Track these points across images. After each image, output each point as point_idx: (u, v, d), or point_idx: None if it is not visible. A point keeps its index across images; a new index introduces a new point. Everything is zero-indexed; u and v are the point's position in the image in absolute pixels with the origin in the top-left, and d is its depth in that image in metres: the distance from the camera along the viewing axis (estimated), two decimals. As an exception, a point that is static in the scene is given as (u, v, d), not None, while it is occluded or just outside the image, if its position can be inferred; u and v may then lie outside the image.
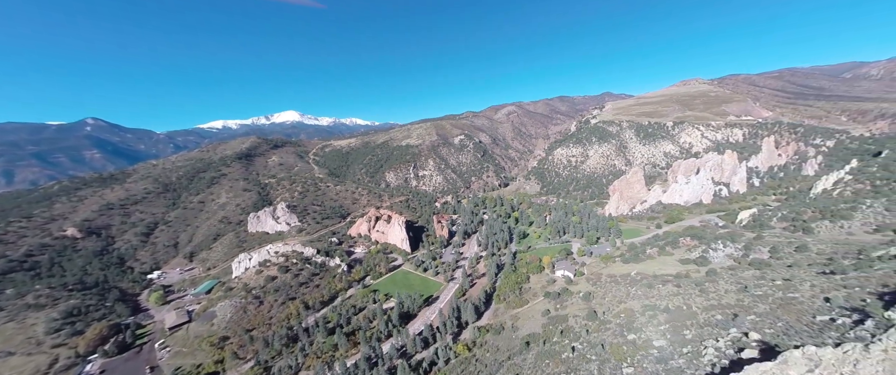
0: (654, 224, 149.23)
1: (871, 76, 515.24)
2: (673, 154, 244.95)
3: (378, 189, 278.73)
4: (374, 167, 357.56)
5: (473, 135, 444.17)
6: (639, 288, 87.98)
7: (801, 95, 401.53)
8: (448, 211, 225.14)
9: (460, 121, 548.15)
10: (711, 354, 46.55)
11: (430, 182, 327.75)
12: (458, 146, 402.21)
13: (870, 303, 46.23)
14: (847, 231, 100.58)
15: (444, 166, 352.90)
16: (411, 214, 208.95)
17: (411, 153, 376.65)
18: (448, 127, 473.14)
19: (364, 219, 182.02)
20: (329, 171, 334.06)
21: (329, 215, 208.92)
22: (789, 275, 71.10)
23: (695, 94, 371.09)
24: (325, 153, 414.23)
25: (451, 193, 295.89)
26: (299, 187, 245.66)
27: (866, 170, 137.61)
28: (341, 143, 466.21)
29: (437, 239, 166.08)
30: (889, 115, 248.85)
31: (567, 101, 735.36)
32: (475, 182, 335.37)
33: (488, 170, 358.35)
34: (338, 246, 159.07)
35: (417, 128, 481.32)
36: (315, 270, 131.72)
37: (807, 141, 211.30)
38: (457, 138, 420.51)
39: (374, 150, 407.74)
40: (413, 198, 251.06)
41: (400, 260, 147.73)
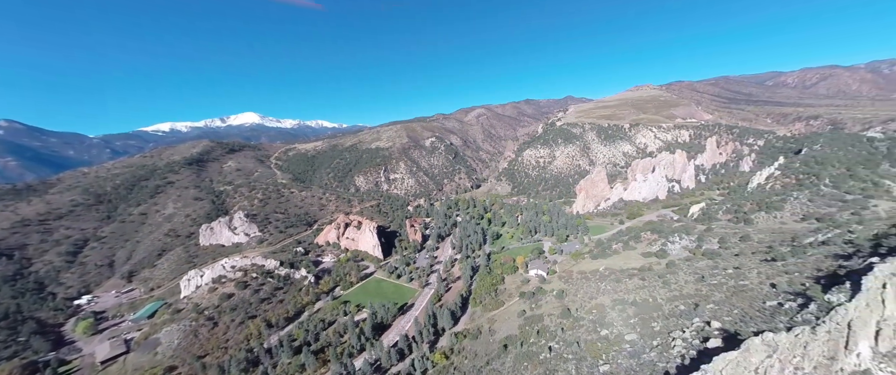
0: (617, 220, 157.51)
1: (788, 84, 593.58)
2: (631, 154, 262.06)
3: (347, 194, 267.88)
4: (343, 171, 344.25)
5: (444, 137, 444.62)
6: (608, 284, 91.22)
7: (734, 100, 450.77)
8: (421, 214, 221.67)
9: (431, 123, 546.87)
10: (680, 346, 48.41)
11: (401, 185, 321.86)
12: (429, 148, 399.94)
13: (810, 287, 50.91)
14: (780, 220, 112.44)
15: (416, 169, 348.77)
16: (383, 219, 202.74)
17: (382, 156, 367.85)
18: (419, 129, 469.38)
19: (332, 226, 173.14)
20: (293, 176, 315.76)
21: (294, 223, 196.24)
22: (738, 264, 77.31)
23: (647, 99, 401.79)
24: (288, 157, 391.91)
25: (424, 196, 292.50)
26: (260, 194, 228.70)
27: (791, 166, 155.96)
28: (306, 147, 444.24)
29: (411, 243, 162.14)
30: (804, 118, 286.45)
31: (533, 104, 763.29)
32: (447, 184, 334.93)
33: (460, 172, 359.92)
34: (304, 257, 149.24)
35: (387, 130, 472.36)
36: (278, 284, 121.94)
37: (742, 141, 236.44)
38: (428, 140, 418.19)
39: (342, 154, 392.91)
40: (384, 203, 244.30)
41: (372, 267, 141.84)
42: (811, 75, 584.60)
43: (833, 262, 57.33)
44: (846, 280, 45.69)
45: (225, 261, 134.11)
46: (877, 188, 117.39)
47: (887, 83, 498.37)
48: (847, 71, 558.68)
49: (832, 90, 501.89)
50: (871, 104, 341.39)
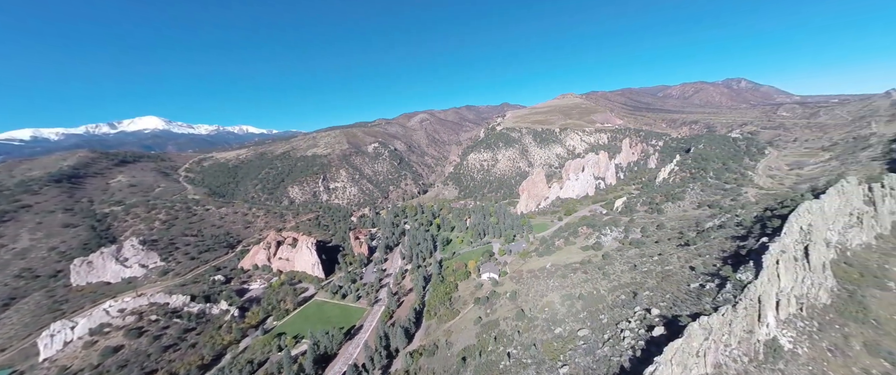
0: (556, 217, 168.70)
1: (673, 96, 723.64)
2: (562, 155, 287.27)
3: (279, 207, 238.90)
4: (273, 182, 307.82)
5: (388, 142, 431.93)
6: (555, 280, 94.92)
7: (638, 108, 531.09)
8: (366, 224, 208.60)
9: (373, 128, 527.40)
10: (629, 337, 50.68)
11: (343, 194, 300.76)
12: (372, 154, 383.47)
13: (722, 268, 58.51)
14: (683, 209, 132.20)
15: (359, 176, 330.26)
16: (323, 233, 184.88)
17: (319, 163, 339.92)
18: (360, 135, 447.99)
19: (261, 246, 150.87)
20: (210, 190, 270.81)
21: (210, 247, 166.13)
22: (660, 251, 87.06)
23: (571, 106, 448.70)
24: (202, 168, 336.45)
25: (369, 205, 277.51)
26: (162, 214, 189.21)
27: (685, 162, 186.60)
28: (227, 155, 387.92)
29: (357, 257, 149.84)
30: (688, 123, 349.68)
31: (473, 110, 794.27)
32: (393, 191, 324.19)
33: (406, 178, 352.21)
34: (224, 286, 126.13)
35: (325, 136, 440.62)
36: (189, 324, 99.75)
37: (647, 142, 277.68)
38: (370, 146, 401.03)
39: (272, 162, 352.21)
40: (324, 215, 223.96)
41: (312, 289, 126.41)
42: (688, 89, 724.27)
43: (732, 243, 67.63)
44: (749, 259, 53.48)
45: (109, 305, 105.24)
46: (744, 178, 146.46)
47: (737, 96, 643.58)
48: (711, 86, 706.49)
49: (703, 101, 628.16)
50: (730, 112, 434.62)
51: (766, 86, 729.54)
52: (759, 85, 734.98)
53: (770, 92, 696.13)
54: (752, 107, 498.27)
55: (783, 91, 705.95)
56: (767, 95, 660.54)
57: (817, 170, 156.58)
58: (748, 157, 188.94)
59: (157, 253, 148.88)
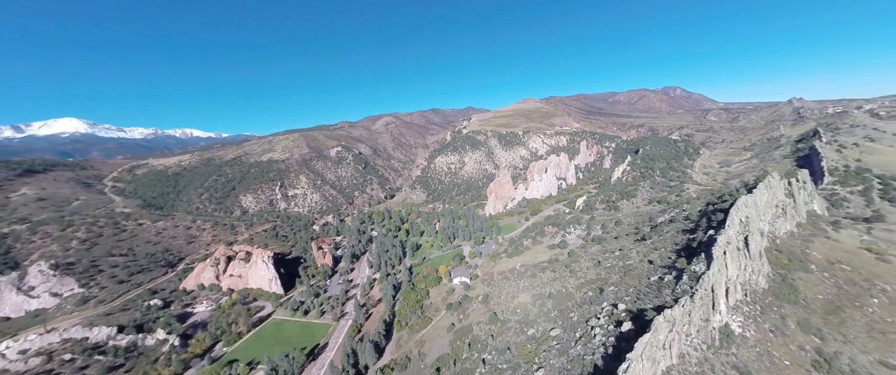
0: (523, 217, 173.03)
1: (621, 102, 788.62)
2: (526, 157, 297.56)
3: (229, 219, 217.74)
4: (223, 190, 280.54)
5: (352, 146, 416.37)
6: (525, 280, 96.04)
7: (592, 112, 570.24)
8: (330, 233, 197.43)
9: (335, 131, 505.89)
10: (600, 334, 51.73)
11: (304, 202, 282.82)
12: (335, 159, 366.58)
13: (677, 260, 62.58)
14: (636, 205, 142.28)
15: (321, 182, 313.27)
16: (281, 245, 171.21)
17: (277, 169, 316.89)
18: (321, 138, 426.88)
19: (208, 263, 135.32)
20: (144, 202, 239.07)
21: (145, 267, 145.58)
22: (620, 246, 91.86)
23: (533, 110, 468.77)
24: (135, 177, 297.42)
25: (333, 212, 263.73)
26: (82, 232, 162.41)
27: (635, 162, 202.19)
28: (167, 162, 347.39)
29: (320, 269, 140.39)
30: (635, 126, 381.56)
31: (439, 113, 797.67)
32: (359, 196, 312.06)
33: (372, 183, 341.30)
34: (162, 311, 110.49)
35: (283, 139, 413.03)
36: (116, 360, 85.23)
37: (602, 144, 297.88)
38: (333, 150, 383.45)
39: (221, 169, 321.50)
40: (283, 224, 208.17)
41: (269, 307, 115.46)
42: (633, 95, 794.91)
43: (683, 236, 73.15)
44: (700, 251, 57.73)
45: (7, 346, 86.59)
46: (685, 176, 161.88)
47: (674, 102, 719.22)
48: (652, 93, 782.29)
49: (646, 106, 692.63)
50: (669, 117, 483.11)
51: (697, 94, 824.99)
52: (690, 93, 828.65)
53: (700, 99, 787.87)
54: (687, 112, 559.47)
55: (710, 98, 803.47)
56: (698, 102, 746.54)
57: (742, 168, 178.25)
58: (687, 157, 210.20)
59: (74, 278, 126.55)
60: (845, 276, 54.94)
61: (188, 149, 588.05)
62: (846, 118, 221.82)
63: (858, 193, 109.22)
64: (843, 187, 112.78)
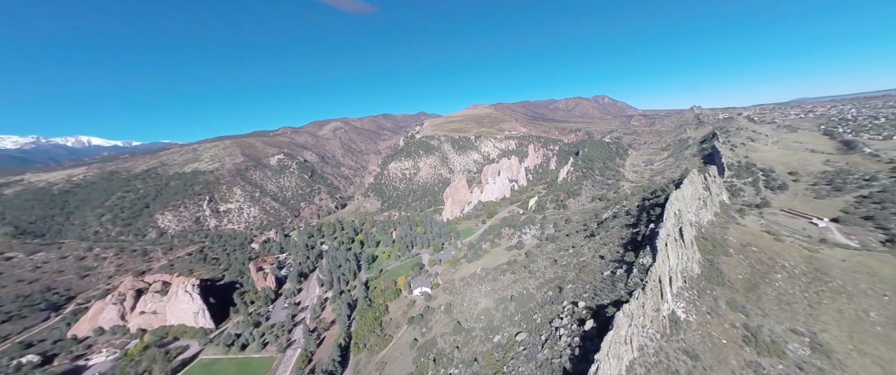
0: (480, 220, 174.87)
1: (560, 108, 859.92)
2: (479, 161, 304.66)
3: (141, 243, 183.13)
4: (132, 209, 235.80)
5: (296, 153, 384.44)
6: (487, 285, 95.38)
7: (536, 118, 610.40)
8: (273, 251, 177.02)
9: (276, 138, 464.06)
10: (564, 335, 52.00)
11: (239, 217, 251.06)
12: (276, 167, 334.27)
13: (625, 254, 66.76)
14: (582, 203, 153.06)
15: (260, 194, 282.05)
16: (211, 269, 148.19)
17: (203, 181, 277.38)
18: (259, 145, 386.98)
19: (109, 300, 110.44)
20: (16, 230, 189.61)
21: (15, 314, 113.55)
22: (573, 243, 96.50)
23: (483, 116, 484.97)
24: (3, 197, 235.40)
25: (275, 227, 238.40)
26: None
27: (577, 163, 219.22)
28: (52, 177, 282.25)
29: (260, 293, 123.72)
30: (574, 130, 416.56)
31: (391, 119, 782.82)
32: (306, 208, 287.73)
33: (321, 192, 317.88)
34: (39, 370, 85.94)
35: (211, 147, 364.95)
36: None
37: (547, 147, 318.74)
38: (274, 158, 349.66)
39: (129, 183, 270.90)
40: (213, 245, 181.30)
41: (195, 346, 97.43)
42: (570, 103, 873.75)
43: (627, 231, 79.05)
44: (645, 244, 62.19)
45: None
46: (619, 174, 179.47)
47: (603, 109, 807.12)
48: (586, 100, 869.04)
49: (581, 113, 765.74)
50: (600, 122, 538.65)
51: (621, 102, 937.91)
52: (616, 100, 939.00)
53: (624, 106, 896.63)
54: (614, 117, 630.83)
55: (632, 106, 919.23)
56: (622, 109, 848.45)
57: (662, 165, 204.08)
58: (618, 157, 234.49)
59: None
60: (755, 257, 63.74)
61: (83, 160, 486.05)
62: (733, 123, 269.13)
63: (749, 184, 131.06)
64: (738, 179, 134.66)
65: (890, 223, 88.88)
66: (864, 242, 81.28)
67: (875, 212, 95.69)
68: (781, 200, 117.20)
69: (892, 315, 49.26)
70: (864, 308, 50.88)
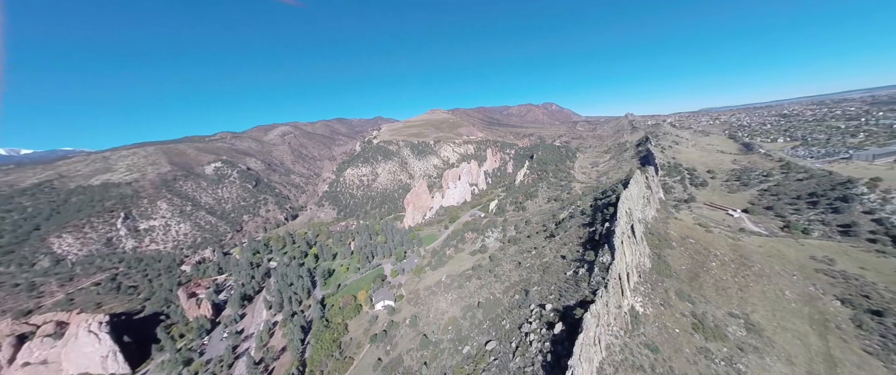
0: (442, 225, 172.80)
1: (513, 114, 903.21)
2: (439, 165, 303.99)
3: (27, 274, 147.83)
4: (16, 234, 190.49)
5: (237, 160, 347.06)
6: (453, 292, 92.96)
7: (492, 123, 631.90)
8: (209, 272, 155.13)
9: (212, 143, 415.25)
10: (535, 340, 51.32)
11: (166, 236, 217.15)
12: (213, 176, 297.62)
13: (585, 253, 69.19)
14: (539, 205, 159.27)
15: (193, 207, 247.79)
16: (127, 301, 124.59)
17: (117, 195, 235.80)
18: (191, 152, 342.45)
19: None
20: None
21: None
22: (534, 244, 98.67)
23: (441, 120, 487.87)
24: None
25: (213, 244, 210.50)
26: None
27: (533, 166, 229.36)
28: None
29: (192, 324, 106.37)
30: (527, 135, 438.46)
31: (345, 123, 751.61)
32: (250, 221, 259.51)
33: (268, 203, 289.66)
34: None
35: (129, 155, 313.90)
36: None
37: (504, 151, 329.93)
38: (210, 166, 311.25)
39: (12, 201, 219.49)
40: (130, 271, 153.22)
41: (102, 398, 79.35)
42: (523, 109, 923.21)
43: (585, 230, 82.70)
44: (603, 242, 64.96)
45: None
46: (570, 176, 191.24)
47: (552, 115, 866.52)
48: (536, 107, 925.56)
49: (533, 119, 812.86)
50: (550, 127, 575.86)
51: (567, 109, 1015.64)
52: (563, 108, 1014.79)
53: (570, 113, 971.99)
54: (562, 123, 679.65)
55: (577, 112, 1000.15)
56: (568, 115, 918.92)
57: (606, 167, 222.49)
58: (568, 160, 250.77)
59: None
60: (693, 248, 70.36)
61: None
62: (660, 128, 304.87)
63: (678, 182, 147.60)
64: (670, 178, 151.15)
65: (785, 212, 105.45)
66: (769, 229, 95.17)
67: (773, 203, 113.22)
68: (704, 195, 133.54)
69: (801, 292, 57.19)
70: (780, 287, 58.41)
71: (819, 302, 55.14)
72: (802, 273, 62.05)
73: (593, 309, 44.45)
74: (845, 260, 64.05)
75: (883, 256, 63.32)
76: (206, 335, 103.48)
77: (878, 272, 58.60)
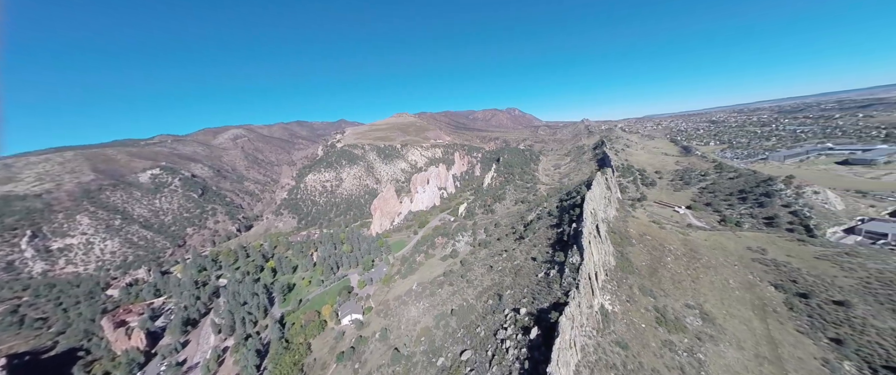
0: (411, 231, 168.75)
1: (479, 119, 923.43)
2: (407, 170, 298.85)
3: None
4: None
5: (179, 166, 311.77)
6: (425, 300, 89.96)
7: (459, 127, 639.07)
8: (143, 295, 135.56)
9: (149, 148, 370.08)
10: (512, 347, 50.32)
11: (87, 256, 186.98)
12: (149, 185, 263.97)
13: (554, 254, 70.37)
14: (507, 207, 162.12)
15: (123, 221, 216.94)
16: (33, 336, 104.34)
17: (23, 210, 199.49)
18: (122, 158, 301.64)
19: None
20: None
21: None
22: (505, 247, 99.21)
23: (408, 124, 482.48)
24: None
25: (148, 263, 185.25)
26: None
27: (500, 169, 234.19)
28: None
29: (121, 359, 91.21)
30: (493, 139, 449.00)
31: (306, 126, 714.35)
32: (195, 234, 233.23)
33: (216, 214, 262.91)
34: None
35: (39, 162, 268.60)
36: None
37: (471, 154, 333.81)
38: (145, 173, 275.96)
39: None
40: (38, 301, 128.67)
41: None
42: (488, 114, 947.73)
43: (553, 231, 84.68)
44: (572, 243, 66.49)
45: None
46: (535, 178, 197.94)
47: (515, 120, 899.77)
48: (501, 112, 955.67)
49: (498, 123, 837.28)
50: (514, 131, 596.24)
51: (529, 115, 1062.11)
52: (525, 113, 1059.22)
53: (531, 118, 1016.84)
54: (525, 127, 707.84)
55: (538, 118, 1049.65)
56: (530, 120, 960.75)
57: (567, 169, 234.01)
58: (533, 163, 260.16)
59: None
60: (650, 244, 74.90)
61: None
62: (613, 133, 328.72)
63: (631, 182, 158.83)
64: (624, 178, 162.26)
65: (721, 207, 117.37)
66: (709, 223, 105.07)
67: (711, 200, 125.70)
68: (653, 194, 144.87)
69: (742, 280, 63.01)
70: (725, 277, 63.88)
71: (757, 288, 61.07)
72: (742, 262, 68.64)
73: (568, 311, 44.52)
74: (774, 249, 72.13)
75: (803, 244, 72.30)
76: (140, 370, 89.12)
77: (800, 258, 66.62)
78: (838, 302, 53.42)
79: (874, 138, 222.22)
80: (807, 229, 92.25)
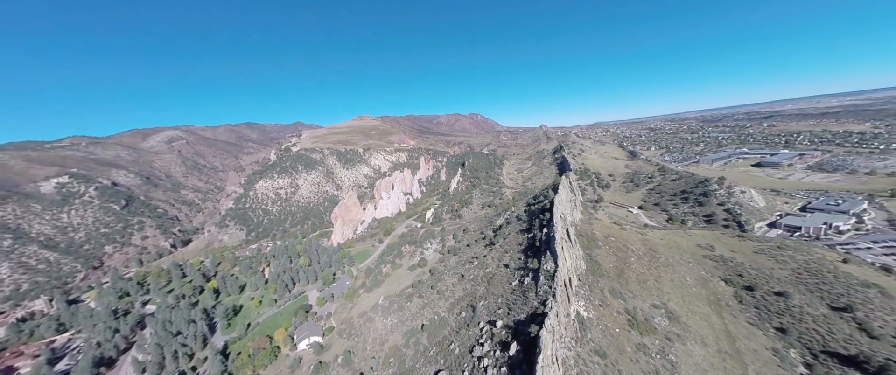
0: (376, 240, 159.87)
1: (443, 123, 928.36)
2: (370, 175, 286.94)
3: None
4: None
5: (95, 173, 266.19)
6: (393, 316, 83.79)
7: (423, 131, 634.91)
8: (41, 332, 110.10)
9: (56, 151, 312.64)
10: (490, 366, 46.99)
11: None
12: (54, 196, 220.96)
13: (527, 260, 69.07)
14: (474, 211, 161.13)
15: (15, 241, 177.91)
16: None
17: None
18: (17, 163, 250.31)
19: None
20: None
21: None
22: (475, 254, 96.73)
23: (370, 127, 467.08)
24: None
25: (49, 291, 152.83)
26: None
27: (466, 173, 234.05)
28: None
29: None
30: (458, 143, 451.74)
31: (258, 129, 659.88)
32: (116, 253, 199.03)
33: (145, 228, 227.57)
34: None
35: None
36: None
37: (437, 158, 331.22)
38: (49, 182, 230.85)
39: None
40: None
41: None
42: (451, 118, 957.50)
43: (523, 236, 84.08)
44: (544, 248, 65.62)
45: None
46: (500, 182, 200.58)
47: (478, 125, 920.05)
48: (464, 117, 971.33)
49: (461, 128, 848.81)
50: (478, 136, 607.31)
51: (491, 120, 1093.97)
52: (487, 118, 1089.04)
53: (493, 123, 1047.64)
54: (487, 133, 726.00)
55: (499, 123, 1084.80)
56: (492, 125, 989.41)
57: (530, 173, 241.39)
58: (497, 167, 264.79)
59: None
60: (615, 245, 77.25)
61: None
62: (569, 138, 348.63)
63: (588, 185, 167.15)
64: (582, 181, 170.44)
65: (667, 207, 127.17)
66: (659, 222, 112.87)
67: (659, 200, 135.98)
68: (608, 195, 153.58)
69: (697, 276, 66.95)
70: (682, 274, 67.45)
71: (710, 283, 65.22)
72: (694, 259, 73.36)
73: (548, 323, 42.42)
74: (720, 245, 78.46)
75: (742, 240, 79.60)
76: (26, 431, 70.40)
77: (742, 253, 72.95)
78: (778, 293, 58.57)
79: (777, 144, 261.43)
80: (739, 225, 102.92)
